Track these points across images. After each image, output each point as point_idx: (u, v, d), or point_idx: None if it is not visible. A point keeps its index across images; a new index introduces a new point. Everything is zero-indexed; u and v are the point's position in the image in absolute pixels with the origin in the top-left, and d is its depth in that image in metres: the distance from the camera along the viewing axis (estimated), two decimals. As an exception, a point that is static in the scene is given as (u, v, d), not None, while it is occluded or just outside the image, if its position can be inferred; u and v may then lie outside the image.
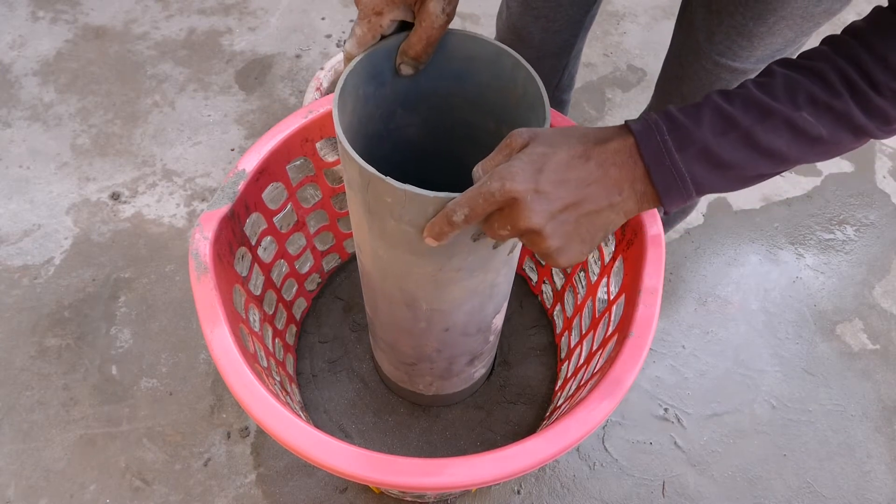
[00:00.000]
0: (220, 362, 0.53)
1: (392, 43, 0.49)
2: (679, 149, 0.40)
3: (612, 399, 0.52)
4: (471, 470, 0.48)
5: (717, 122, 0.40)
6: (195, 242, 0.59)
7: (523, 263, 0.93)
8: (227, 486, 0.92)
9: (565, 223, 0.41)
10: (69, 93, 1.39)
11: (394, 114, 0.56)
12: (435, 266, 0.51)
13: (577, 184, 0.40)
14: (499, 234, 0.42)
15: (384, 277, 0.57)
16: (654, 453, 0.99)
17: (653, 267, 0.60)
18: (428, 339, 0.64)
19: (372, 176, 0.44)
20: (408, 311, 0.59)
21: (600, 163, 0.40)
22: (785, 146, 0.40)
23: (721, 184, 0.42)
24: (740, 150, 0.40)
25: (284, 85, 1.43)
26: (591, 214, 0.41)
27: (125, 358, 1.03)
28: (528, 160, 0.40)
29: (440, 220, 0.42)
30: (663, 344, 1.10)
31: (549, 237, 0.40)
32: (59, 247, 1.16)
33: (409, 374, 0.74)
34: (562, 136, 0.42)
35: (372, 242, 0.53)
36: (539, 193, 0.39)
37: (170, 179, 1.26)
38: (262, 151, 0.67)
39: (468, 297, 0.57)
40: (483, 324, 0.64)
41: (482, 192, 0.40)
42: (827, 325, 1.14)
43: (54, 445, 0.95)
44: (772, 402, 1.05)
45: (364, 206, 0.49)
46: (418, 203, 0.43)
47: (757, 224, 1.27)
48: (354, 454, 0.48)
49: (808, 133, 0.40)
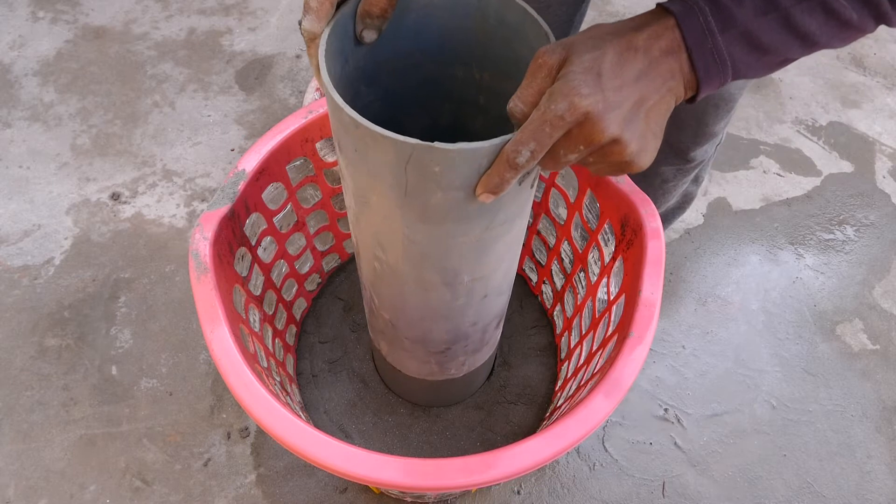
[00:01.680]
0: (221, 362, 0.53)
1: (348, 10, 0.44)
2: (722, 30, 0.39)
3: (612, 399, 0.52)
4: (470, 470, 0.48)
5: (758, 3, 0.39)
6: (195, 242, 0.59)
7: (523, 264, 0.93)
8: (227, 487, 0.92)
9: (637, 123, 0.39)
10: (69, 93, 1.39)
11: (359, 93, 0.52)
12: (482, 226, 0.47)
13: (634, 79, 0.38)
14: (565, 160, 0.39)
15: (421, 264, 0.52)
16: (655, 453, 0.99)
17: (653, 267, 0.60)
18: (466, 314, 0.61)
19: (416, 147, 0.39)
20: (447, 291, 0.55)
21: (646, 51, 0.39)
22: (817, 28, 0.39)
23: (755, 67, 0.41)
24: (778, 33, 0.39)
25: (284, 85, 1.43)
26: (655, 106, 0.39)
27: (125, 358, 1.04)
28: (583, 70, 0.37)
29: (498, 167, 0.39)
30: (663, 344, 1.10)
31: (628, 143, 0.38)
32: (59, 247, 1.16)
33: (440, 362, 0.72)
34: (599, 37, 0.39)
35: (406, 231, 0.48)
36: (607, 101, 0.37)
37: (170, 180, 1.26)
38: (262, 151, 0.67)
39: (507, 252, 0.54)
40: (511, 276, 0.62)
41: (547, 118, 0.37)
42: (827, 326, 1.14)
43: (54, 446, 0.95)
44: (772, 402, 1.05)
45: (397, 192, 0.43)
46: (472, 159, 0.39)
47: (757, 224, 1.27)
48: (355, 454, 0.48)
49: (840, 16, 0.39)
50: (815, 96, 1.52)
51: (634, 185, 0.65)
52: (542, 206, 0.82)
